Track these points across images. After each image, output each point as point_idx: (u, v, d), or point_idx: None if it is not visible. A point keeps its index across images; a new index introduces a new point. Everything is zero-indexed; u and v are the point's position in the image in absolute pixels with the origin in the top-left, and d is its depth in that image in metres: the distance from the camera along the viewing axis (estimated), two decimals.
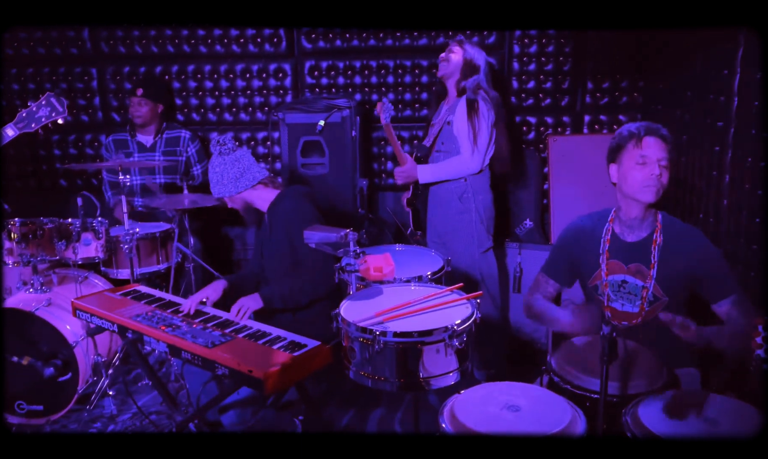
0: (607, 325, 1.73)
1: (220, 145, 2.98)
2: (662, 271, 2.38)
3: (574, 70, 4.32)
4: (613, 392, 2.05)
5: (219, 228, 4.78)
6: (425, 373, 2.03)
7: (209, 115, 4.69)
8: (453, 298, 2.31)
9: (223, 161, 2.99)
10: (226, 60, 4.59)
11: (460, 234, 3.52)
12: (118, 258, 3.77)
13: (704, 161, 3.19)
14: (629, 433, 1.84)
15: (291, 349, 2.44)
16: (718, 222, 3.06)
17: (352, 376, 2.14)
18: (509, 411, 1.94)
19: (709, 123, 3.12)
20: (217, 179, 3.01)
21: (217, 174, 3.00)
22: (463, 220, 3.50)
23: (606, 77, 4.29)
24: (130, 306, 2.96)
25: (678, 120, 3.53)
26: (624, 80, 4.27)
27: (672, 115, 3.62)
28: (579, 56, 4.28)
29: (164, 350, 2.61)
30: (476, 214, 3.47)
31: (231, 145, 3.00)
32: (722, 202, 3.01)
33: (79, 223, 3.52)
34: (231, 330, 2.64)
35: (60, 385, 3.38)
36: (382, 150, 4.62)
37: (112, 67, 4.66)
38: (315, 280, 2.91)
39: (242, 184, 3.00)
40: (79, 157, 4.81)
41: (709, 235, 3.09)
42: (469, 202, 3.47)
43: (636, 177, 2.41)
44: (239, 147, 3.05)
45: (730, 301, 2.31)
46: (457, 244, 3.52)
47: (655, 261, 2.38)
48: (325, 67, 4.52)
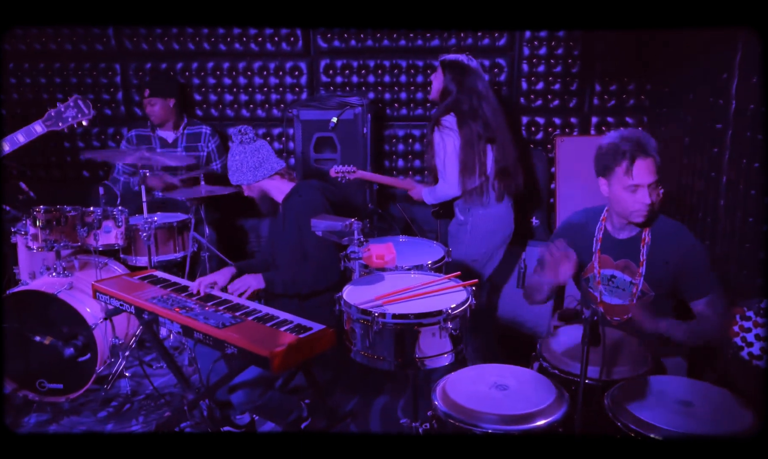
0: (589, 309, 1.85)
1: (241, 134, 3.13)
2: (650, 268, 2.49)
3: (583, 73, 4.42)
4: (598, 377, 2.16)
5: (234, 219, 4.95)
6: (421, 354, 2.15)
7: (227, 111, 4.87)
8: (450, 285, 2.44)
9: (244, 150, 3.13)
10: (244, 58, 4.76)
11: (456, 241, 3.64)
12: (136, 245, 3.93)
13: (704, 162, 3.28)
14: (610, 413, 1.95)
15: (297, 332, 2.58)
16: (715, 222, 3.16)
17: (352, 356, 2.27)
18: (498, 390, 2.07)
19: (708, 125, 3.22)
20: (237, 167, 3.15)
21: (236, 162, 3.14)
22: (460, 230, 3.63)
23: (613, 80, 4.40)
24: (147, 289, 3.12)
25: (681, 122, 3.62)
26: (631, 83, 4.37)
27: (676, 117, 3.72)
28: (587, 59, 4.39)
29: (178, 330, 2.76)
30: (470, 228, 3.57)
31: (252, 134, 3.15)
32: (719, 202, 3.10)
33: (100, 212, 3.69)
34: (241, 313, 2.78)
35: (79, 365, 3.55)
36: (393, 147, 4.75)
37: (134, 63, 4.86)
38: (317, 272, 3.05)
39: (260, 174, 3.15)
40: (101, 150, 5.00)
41: (707, 235, 3.20)
42: (466, 215, 3.58)
43: (627, 201, 2.44)
44: (259, 138, 3.19)
45: (705, 301, 2.39)
46: (454, 248, 3.63)
47: (643, 259, 2.48)
48: (339, 66, 4.67)
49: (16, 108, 4.99)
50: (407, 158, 4.76)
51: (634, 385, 2.08)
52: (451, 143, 3.44)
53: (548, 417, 1.96)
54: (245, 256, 4.95)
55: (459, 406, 2.00)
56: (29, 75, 4.93)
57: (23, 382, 3.59)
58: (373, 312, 2.15)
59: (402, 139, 4.74)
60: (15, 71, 4.93)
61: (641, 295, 2.51)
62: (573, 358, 2.25)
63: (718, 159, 3.13)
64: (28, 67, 4.91)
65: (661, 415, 1.87)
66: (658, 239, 2.49)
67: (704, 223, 3.26)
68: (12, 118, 4.92)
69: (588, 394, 2.01)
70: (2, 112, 4.92)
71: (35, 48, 4.87)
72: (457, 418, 1.98)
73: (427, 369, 2.20)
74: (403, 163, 4.76)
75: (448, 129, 3.45)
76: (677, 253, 2.44)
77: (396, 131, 4.73)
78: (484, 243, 3.57)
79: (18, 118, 4.82)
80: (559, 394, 2.06)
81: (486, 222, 3.55)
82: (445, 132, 3.45)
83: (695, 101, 3.46)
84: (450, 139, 3.44)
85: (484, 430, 1.92)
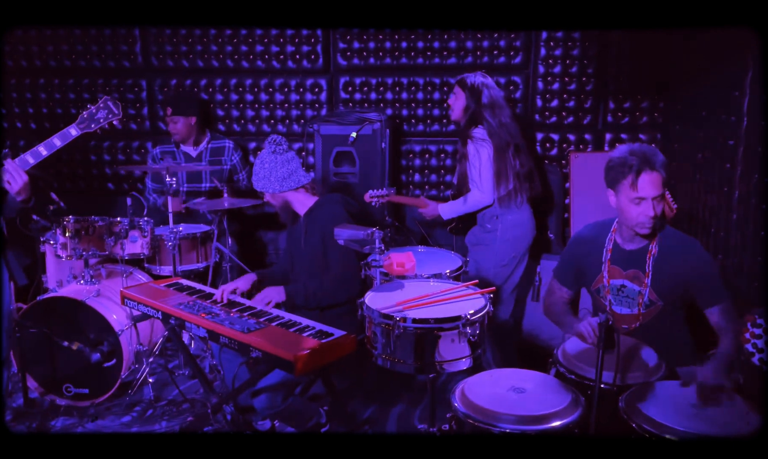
0: (603, 313, 1.92)
1: (276, 144, 3.21)
2: (657, 278, 2.56)
3: (597, 90, 4.51)
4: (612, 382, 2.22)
5: (254, 232, 5.06)
6: (440, 358, 2.23)
7: (249, 126, 5.00)
8: (469, 292, 2.52)
9: (275, 159, 3.21)
10: (266, 75, 4.90)
11: (482, 249, 3.77)
12: (161, 255, 4.05)
13: (717, 178, 3.35)
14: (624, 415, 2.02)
15: (319, 337, 2.66)
16: (728, 236, 3.22)
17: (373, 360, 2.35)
18: (515, 392, 2.14)
19: (721, 141, 3.29)
20: (265, 174, 3.23)
21: (265, 169, 3.22)
22: (487, 237, 3.74)
23: (627, 97, 4.48)
24: (173, 296, 3.22)
25: (694, 139, 3.70)
26: (645, 100, 4.45)
27: (689, 134, 3.79)
28: (601, 77, 4.48)
29: (204, 335, 2.86)
30: (500, 234, 3.69)
31: (285, 145, 3.24)
32: (732, 216, 3.17)
33: (127, 222, 3.81)
34: (265, 319, 2.87)
35: (105, 370, 3.65)
36: (410, 162, 4.86)
37: (159, 79, 5.01)
38: (339, 285, 3.13)
39: (287, 185, 3.23)
40: (126, 163, 5.15)
41: (720, 249, 3.26)
42: (495, 223, 3.70)
43: (632, 214, 2.53)
44: (291, 149, 3.29)
45: (718, 309, 2.47)
46: (480, 257, 3.76)
47: (649, 270, 2.56)
48: (358, 83, 4.79)
49: (44, 122, 5.16)
50: (423, 173, 4.86)
51: (649, 388, 2.14)
52: (486, 153, 3.61)
53: (564, 418, 2.03)
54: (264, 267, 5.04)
55: (477, 407, 2.08)
56: (59, 90, 5.09)
57: (50, 386, 3.69)
58: (394, 316, 2.24)
59: (418, 154, 4.84)
60: (45, 86, 5.10)
61: (649, 303, 2.57)
62: (588, 363, 2.31)
63: (730, 174, 3.19)
64: (58, 83, 5.08)
65: (675, 417, 1.93)
66: (667, 251, 2.56)
67: (717, 237, 3.32)
68: (45, 131, 5.08)
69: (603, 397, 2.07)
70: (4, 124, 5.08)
71: (65, 64, 5.03)
72: (475, 419, 2.05)
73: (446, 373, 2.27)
74: (419, 177, 4.86)
75: (480, 140, 3.63)
76: (686, 265, 2.52)
77: (413, 146, 4.83)
78: (513, 247, 3.71)
79: (47, 132, 4.97)
80: (574, 397, 2.13)
81: (514, 227, 3.69)
82: (479, 143, 3.62)
83: (708, 118, 3.53)
84: (484, 149, 3.61)
85: (501, 430, 1.99)
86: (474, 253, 3.80)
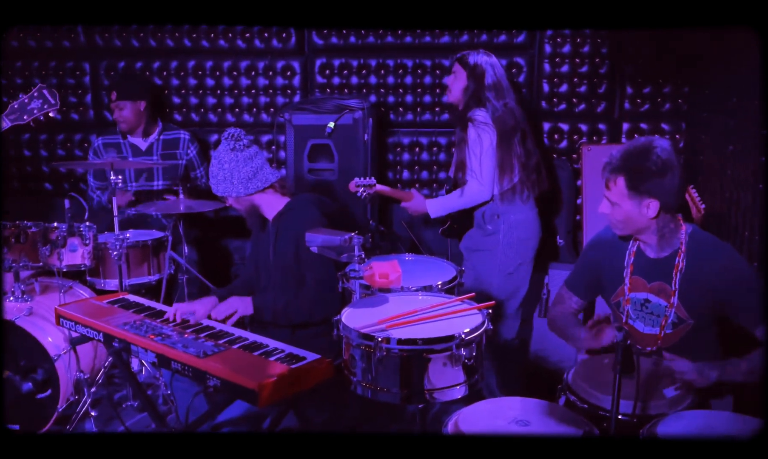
0: (621, 330, 1.87)
1: (234, 140, 3.11)
2: (686, 292, 2.52)
3: (612, 73, 4.49)
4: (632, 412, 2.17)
5: (217, 238, 4.99)
6: (430, 385, 2.18)
7: (210, 116, 4.94)
8: (464, 307, 2.46)
9: (235, 158, 3.11)
10: (229, 56, 4.84)
11: (483, 256, 3.73)
12: (105, 267, 3.96)
13: (750, 173, 3.31)
14: None
15: (289, 361, 2.60)
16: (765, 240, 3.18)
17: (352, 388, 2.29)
18: (517, 425, 2.08)
19: (754, 131, 3.25)
20: (225, 176, 3.13)
21: (225, 171, 3.12)
22: (488, 241, 3.70)
23: (647, 81, 4.46)
24: (118, 314, 3.14)
25: (723, 129, 3.67)
26: (667, 85, 4.44)
27: (718, 123, 3.77)
28: (617, 58, 4.46)
29: (152, 360, 2.78)
30: (503, 236, 3.66)
31: (246, 140, 3.13)
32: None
33: (65, 228, 3.72)
34: (225, 341, 2.80)
35: (38, 402, 3.56)
36: (397, 157, 4.81)
37: (105, 61, 4.94)
38: (313, 301, 3.06)
39: (253, 186, 3.15)
40: (67, 159, 5.07)
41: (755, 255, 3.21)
42: (497, 223, 3.67)
43: None
44: (253, 144, 3.20)
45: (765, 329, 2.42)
46: (480, 265, 3.72)
47: (676, 287, 2.52)
48: (337, 66, 4.75)
49: None
50: (413, 169, 4.81)
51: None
52: (488, 139, 3.59)
53: None
54: (229, 280, 4.97)
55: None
56: None
57: None
58: (376, 337, 2.18)
59: (407, 148, 4.79)
60: None
61: (677, 321, 2.53)
62: (603, 390, 2.26)
63: (765, 169, 3.16)
64: None
65: None
66: (696, 259, 2.52)
67: (752, 241, 3.29)
68: None
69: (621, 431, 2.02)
70: None
71: None
72: None
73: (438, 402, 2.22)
74: (408, 174, 4.81)
75: (483, 124, 3.60)
76: (721, 277, 2.47)
77: (401, 139, 4.79)
78: (519, 252, 3.69)
79: None
80: (587, 430, 2.08)
81: (519, 227, 3.67)
82: (481, 127, 3.60)
83: (740, 105, 3.50)
84: (487, 134, 3.59)
85: None
86: (472, 261, 3.76)
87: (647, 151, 2.45)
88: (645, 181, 2.44)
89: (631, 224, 2.54)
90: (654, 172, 2.42)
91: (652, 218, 2.49)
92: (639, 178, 2.44)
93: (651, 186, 2.44)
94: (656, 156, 2.43)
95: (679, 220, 2.58)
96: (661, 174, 2.43)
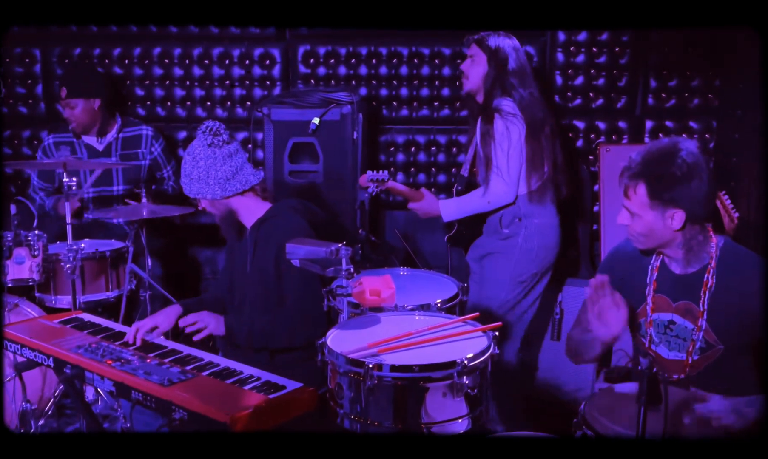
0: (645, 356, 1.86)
1: (213, 134, 3.07)
2: (716, 313, 2.51)
3: (634, 64, 4.50)
4: None
5: (185, 249, 4.97)
6: (428, 419, 2.18)
7: (177, 110, 4.93)
8: (466, 329, 2.45)
9: (213, 155, 3.08)
10: (200, 42, 4.83)
11: (496, 259, 3.72)
12: (57, 281, 3.95)
13: None
14: None
15: (266, 391, 2.57)
16: None
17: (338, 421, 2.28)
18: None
19: None
20: (199, 175, 3.10)
21: (200, 169, 3.09)
22: (503, 245, 3.70)
23: (674, 74, 4.48)
24: (71, 336, 3.12)
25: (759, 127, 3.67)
26: (696, 78, 4.46)
27: (753, 121, 3.78)
28: (640, 47, 4.48)
29: (110, 389, 2.76)
30: (523, 241, 3.66)
31: (226, 135, 3.10)
32: None
33: (11, 237, 3.71)
34: (193, 366, 2.78)
35: None
36: (390, 157, 4.81)
37: (59, 48, 4.92)
38: (295, 322, 3.05)
39: (231, 188, 3.12)
40: (14, 158, 5.05)
41: None
42: (517, 227, 3.67)
43: None
44: (234, 140, 3.16)
45: None
46: (491, 269, 3.73)
47: (704, 307, 2.51)
48: (323, 54, 4.74)
49: None
50: (408, 171, 4.81)
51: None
52: (517, 133, 3.60)
53: None
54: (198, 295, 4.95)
55: None
56: None
57: None
58: (366, 363, 2.18)
59: (402, 147, 4.79)
60: None
61: (705, 346, 2.52)
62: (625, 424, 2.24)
63: None
64: None
65: None
66: (727, 275, 2.51)
67: None
68: None
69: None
70: None
71: None
72: None
73: None
74: (403, 176, 4.81)
75: (511, 114, 3.60)
76: (754, 297, 2.46)
77: (394, 137, 4.79)
78: (537, 261, 3.69)
79: None
80: None
81: (541, 233, 3.68)
82: (510, 119, 3.59)
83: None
84: (515, 127, 3.59)
85: None
86: (481, 267, 3.75)
87: (671, 154, 2.44)
88: (669, 188, 2.42)
89: (653, 237, 2.53)
90: (679, 178, 2.41)
91: (677, 230, 2.48)
92: (662, 185, 2.43)
93: (676, 194, 2.43)
94: (681, 160, 2.41)
95: (709, 232, 2.57)
96: (687, 180, 2.41)
